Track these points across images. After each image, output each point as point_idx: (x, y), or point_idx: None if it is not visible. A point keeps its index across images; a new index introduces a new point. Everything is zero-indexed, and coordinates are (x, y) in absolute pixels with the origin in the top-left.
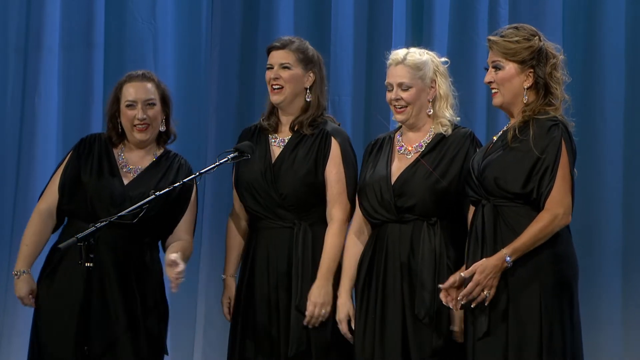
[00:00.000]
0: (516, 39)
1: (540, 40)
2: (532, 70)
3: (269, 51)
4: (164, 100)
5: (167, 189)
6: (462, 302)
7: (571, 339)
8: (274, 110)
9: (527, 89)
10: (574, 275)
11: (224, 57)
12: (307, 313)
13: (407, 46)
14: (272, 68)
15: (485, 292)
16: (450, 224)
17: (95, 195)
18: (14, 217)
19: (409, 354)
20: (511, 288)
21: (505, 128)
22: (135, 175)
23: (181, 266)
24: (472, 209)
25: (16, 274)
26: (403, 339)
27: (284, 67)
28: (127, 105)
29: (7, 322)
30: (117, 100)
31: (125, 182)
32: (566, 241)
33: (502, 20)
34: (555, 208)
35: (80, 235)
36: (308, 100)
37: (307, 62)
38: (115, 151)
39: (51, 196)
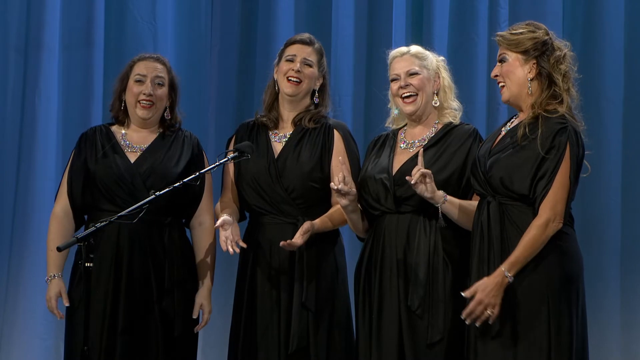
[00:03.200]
0: (520, 31)
1: (547, 34)
2: (535, 61)
3: (291, 43)
4: (172, 86)
5: (167, 189)
6: (467, 322)
7: (578, 335)
8: (274, 105)
9: (531, 80)
10: (578, 271)
11: (223, 57)
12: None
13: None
14: (292, 60)
15: (488, 311)
16: (447, 219)
17: (105, 178)
18: (14, 217)
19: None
20: (517, 286)
21: (514, 121)
22: (141, 152)
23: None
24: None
25: (47, 279)
26: (399, 335)
27: (307, 63)
28: (137, 80)
29: (7, 321)
30: (126, 77)
31: (132, 160)
32: (571, 238)
33: (502, 20)
34: (547, 214)
35: (80, 235)
36: (316, 101)
37: (321, 66)
38: (118, 134)
39: (63, 198)
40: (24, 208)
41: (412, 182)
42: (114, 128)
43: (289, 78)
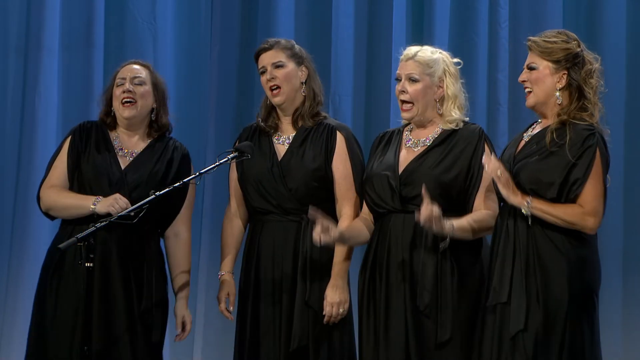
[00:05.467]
0: (554, 39)
1: (579, 46)
2: (566, 72)
3: (257, 55)
4: (156, 87)
5: (167, 189)
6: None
7: (590, 342)
8: (271, 112)
9: (560, 90)
10: (597, 280)
11: (223, 57)
12: (325, 313)
13: (407, 46)
14: (265, 71)
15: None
16: (455, 217)
17: (93, 180)
18: (14, 217)
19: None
20: (541, 291)
21: (536, 127)
22: (132, 159)
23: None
24: (477, 204)
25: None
26: (406, 335)
27: (277, 66)
28: (118, 85)
29: (7, 321)
30: (110, 86)
31: (123, 166)
32: (593, 246)
33: (502, 20)
34: (587, 213)
35: (80, 235)
36: (304, 94)
37: (297, 57)
38: (112, 134)
39: (61, 176)
40: (24, 208)
41: (422, 223)
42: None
43: (271, 88)
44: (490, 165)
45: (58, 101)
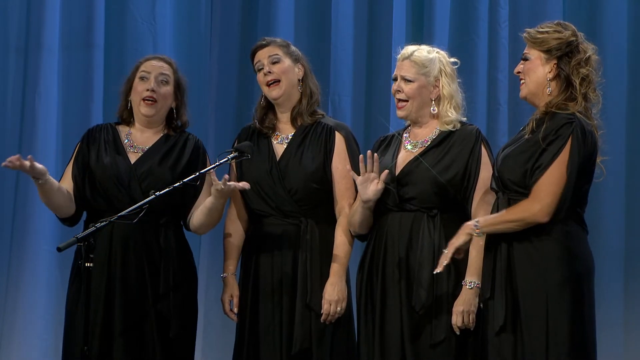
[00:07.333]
0: (547, 29)
1: (574, 35)
2: (556, 61)
3: (253, 53)
4: (178, 86)
5: (167, 189)
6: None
7: (581, 335)
8: (267, 112)
9: (550, 80)
10: (586, 271)
11: (223, 57)
12: (323, 311)
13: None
14: (262, 66)
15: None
16: (452, 218)
17: (103, 179)
18: (14, 217)
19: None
20: (520, 284)
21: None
22: (142, 153)
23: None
24: (475, 203)
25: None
26: (401, 335)
27: (274, 61)
28: (141, 78)
29: (7, 321)
30: (132, 77)
31: (132, 160)
32: (577, 237)
33: (502, 20)
34: (533, 201)
35: (79, 235)
36: (300, 91)
37: (293, 55)
38: (122, 134)
39: (65, 183)
40: (24, 208)
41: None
42: (120, 127)
43: (268, 83)
44: (440, 267)
45: (58, 101)
